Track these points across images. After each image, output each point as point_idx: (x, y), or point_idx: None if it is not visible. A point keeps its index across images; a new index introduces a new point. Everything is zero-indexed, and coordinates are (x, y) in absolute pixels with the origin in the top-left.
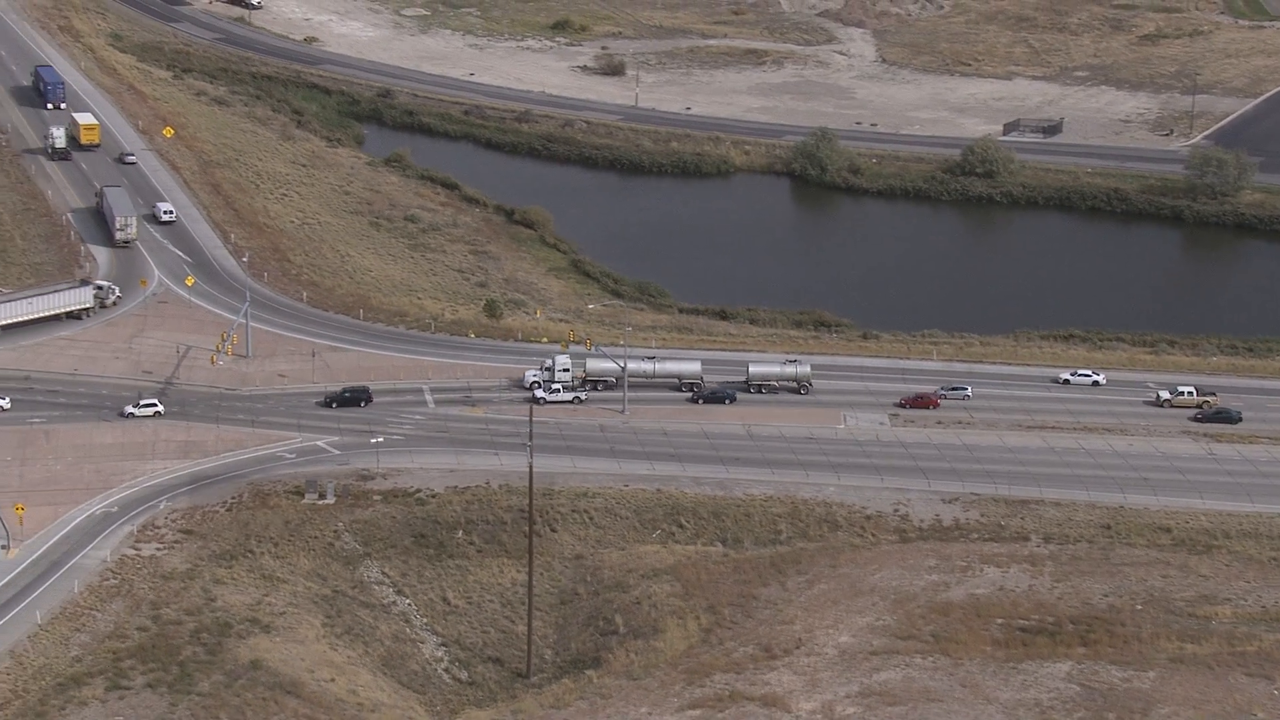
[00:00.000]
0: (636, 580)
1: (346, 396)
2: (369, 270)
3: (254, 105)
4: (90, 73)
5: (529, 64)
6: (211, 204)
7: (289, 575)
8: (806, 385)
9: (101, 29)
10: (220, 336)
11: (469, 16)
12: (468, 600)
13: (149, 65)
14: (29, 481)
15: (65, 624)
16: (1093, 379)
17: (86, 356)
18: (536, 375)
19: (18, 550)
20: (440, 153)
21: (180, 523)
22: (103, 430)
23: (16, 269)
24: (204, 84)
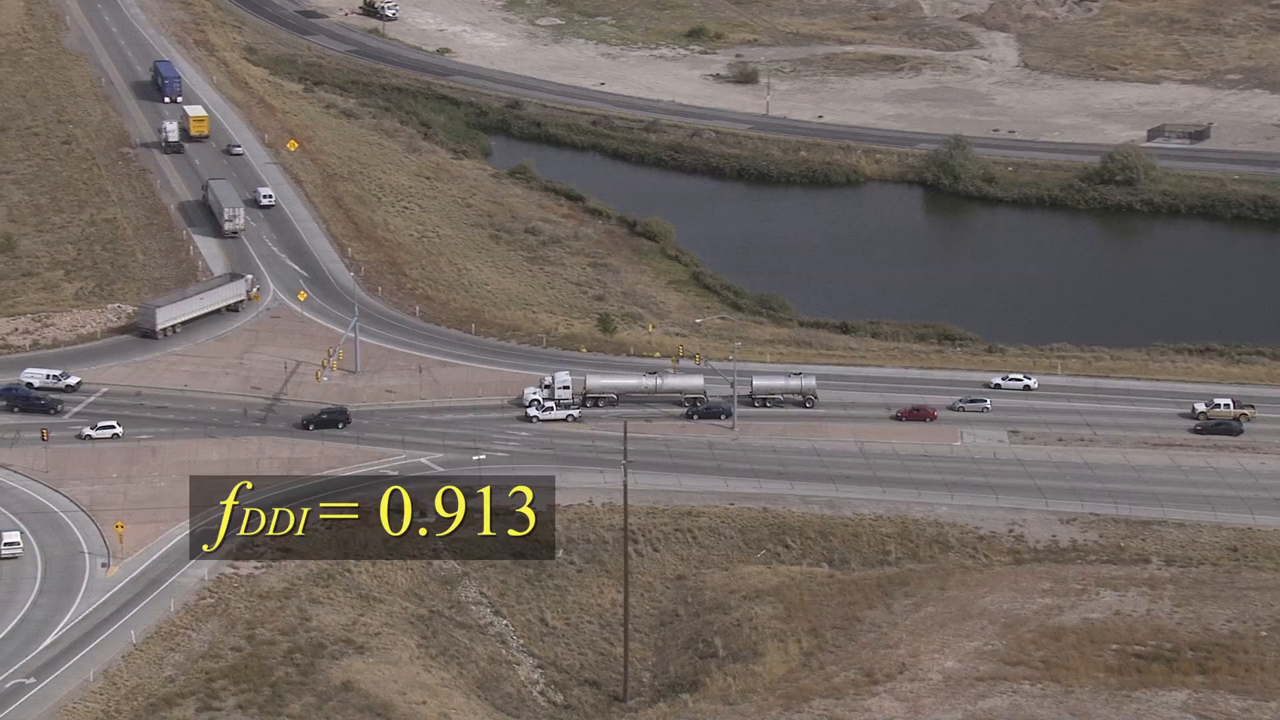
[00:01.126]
0: (738, 602)
1: (324, 418)
2: (485, 284)
3: (382, 117)
4: (221, 86)
5: (661, 73)
6: (331, 217)
7: (386, 595)
8: (812, 398)
9: (237, 42)
10: (326, 352)
11: (603, 25)
12: (566, 621)
13: (281, 78)
14: (133, 499)
15: (160, 643)
16: (1024, 383)
17: (197, 372)
18: (536, 393)
19: (118, 568)
20: (566, 164)
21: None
22: (208, 447)
23: (136, 284)
24: (334, 96)
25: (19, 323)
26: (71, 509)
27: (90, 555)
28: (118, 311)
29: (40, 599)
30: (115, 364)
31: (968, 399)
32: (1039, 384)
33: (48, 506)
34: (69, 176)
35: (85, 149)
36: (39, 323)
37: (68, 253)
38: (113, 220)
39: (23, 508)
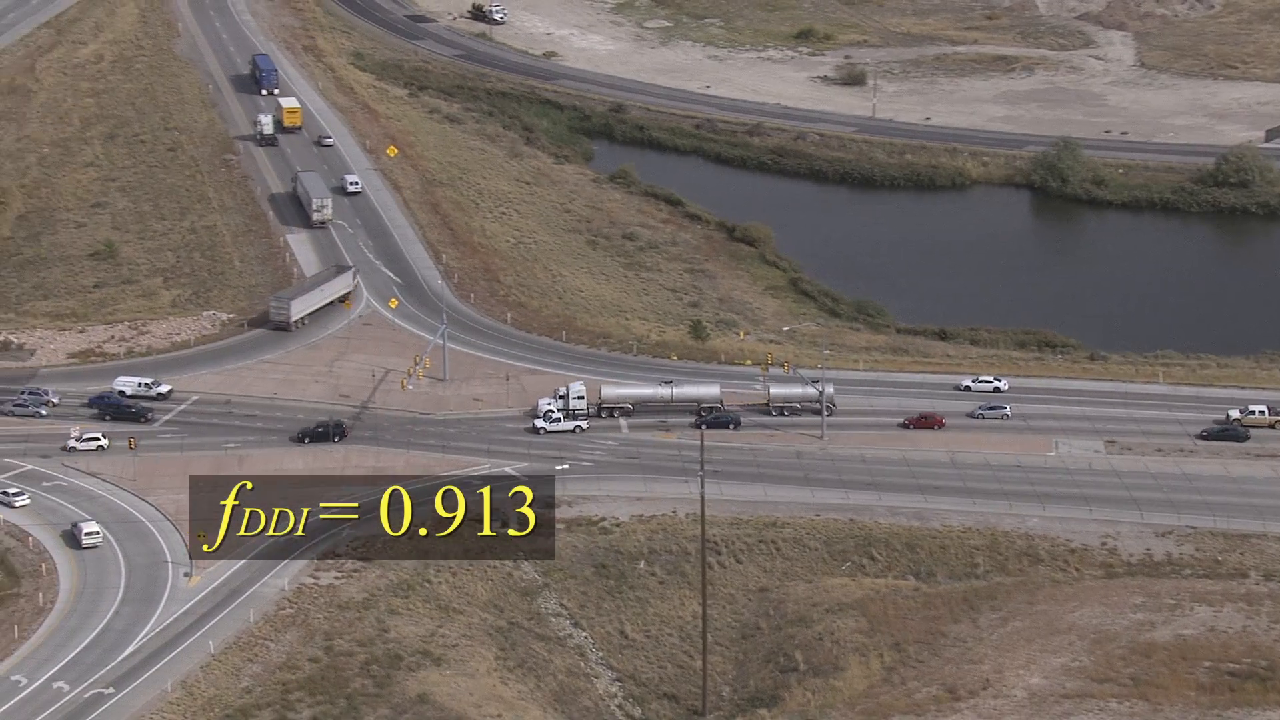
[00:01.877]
0: (820, 615)
1: (319, 431)
2: (579, 290)
3: (485, 122)
4: (327, 92)
5: (768, 75)
6: (428, 223)
7: (465, 606)
8: (831, 406)
9: (344, 48)
10: (413, 360)
11: (712, 27)
12: (646, 634)
13: (386, 83)
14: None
15: (238, 654)
16: (994, 385)
17: (286, 380)
18: (550, 404)
19: (200, 578)
20: (668, 168)
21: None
22: (294, 455)
23: (232, 291)
24: (439, 101)
25: (116, 330)
26: (157, 517)
27: (173, 564)
28: (212, 319)
29: (122, 608)
30: (206, 371)
31: (987, 406)
32: (1009, 386)
33: (134, 515)
34: (173, 183)
35: (190, 155)
36: (135, 330)
37: (167, 260)
38: (213, 227)
39: (110, 516)
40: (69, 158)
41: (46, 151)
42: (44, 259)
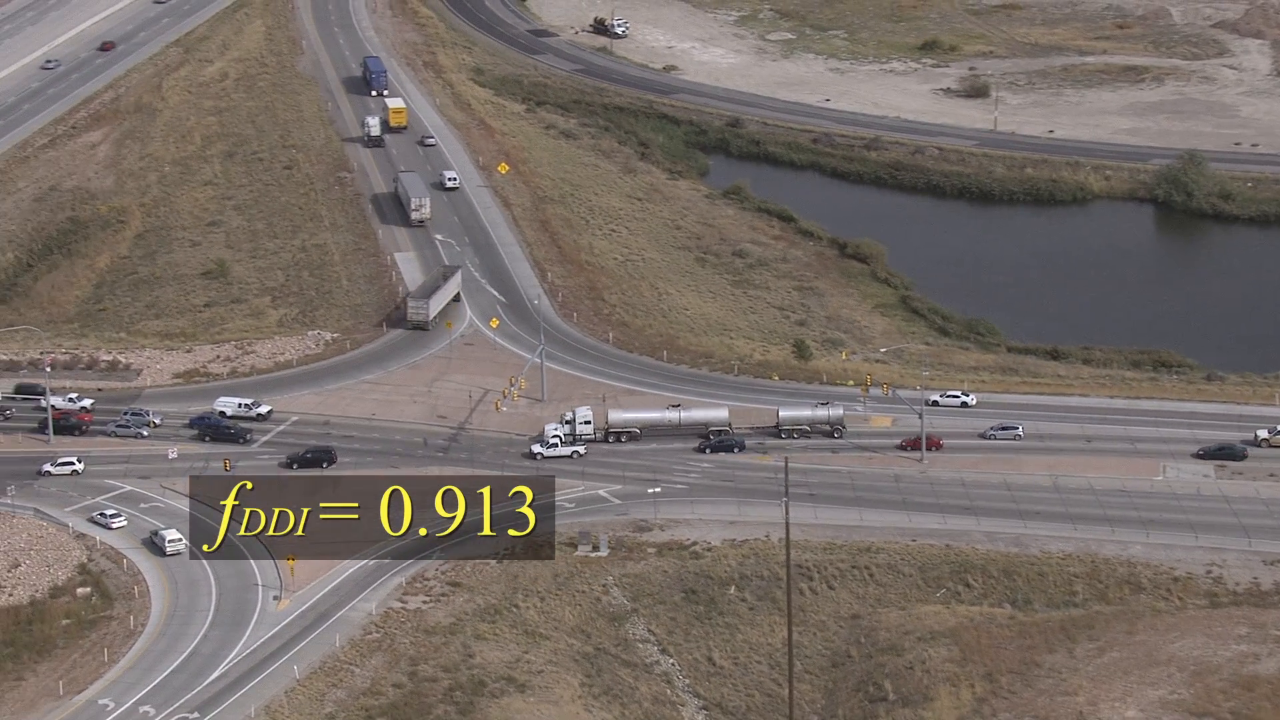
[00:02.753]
0: (912, 643)
1: (308, 457)
2: (685, 309)
3: (601, 138)
4: (444, 109)
5: (889, 87)
6: (536, 241)
7: (552, 631)
8: (840, 429)
9: (465, 63)
10: (508, 381)
11: (835, 39)
12: (734, 661)
13: (504, 99)
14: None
15: (323, 679)
16: (961, 400)
17: (386, 400)
18: (557, 429)
19: (288, 602)
20: (783, 183)
21: (450, 574)
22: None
23: (338, 310)
24: (556, 116)
25: (222, 350)
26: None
27: (263, 588)
28: (317, 339)
29: (211, 631)
30: (307, 392)
31: (1000, 426)
32: (977, 401)
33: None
34: (287, 202)
35: (305, 174)
36: (241, 350)
37: (277, 279)
38: (323, 246)
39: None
40: (189, 176)
41: (167, 170)
42: (158, 278)
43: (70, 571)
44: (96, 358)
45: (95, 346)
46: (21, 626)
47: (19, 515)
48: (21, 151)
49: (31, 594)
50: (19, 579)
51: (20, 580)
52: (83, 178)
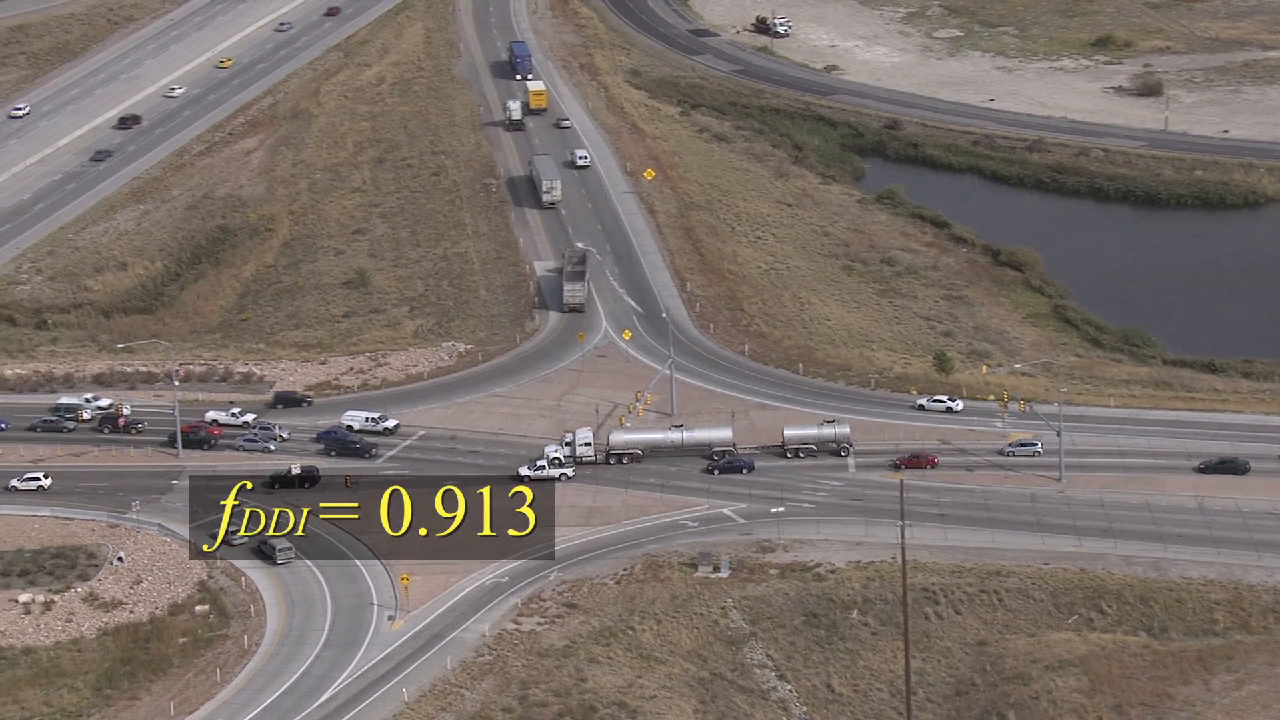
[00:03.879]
0: (1040, 672)
1: (290, 477)
2: (827, 319)
3: (755, 141)
4: (596, 112)
5: (1057, 86)
6: (678, 249)
7: (667, 655)
8: (846, 447)
9: (622, 65)
10: (634, 395)
11: (1004, 36)
12: (854, 688)
13: (659, 101)
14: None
15: (432, 703)
16: (947, 405)
17: (514, 414)
18: (557, 450)
19: (402, 622)
20: (940, 187)
21: (566, 595)
22: None
23: (474, 321)
24: (710, 119)
25: (356, 362)
26: (369, 558)
27: (378, 607)
28: (450, 350)
29: (324, 652)
30: (436, 405)
31: (1018, 444)
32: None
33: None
34: (432, 209)
35: (452, 180)
36: (374, 362)
37: (416, 289)
38: (464, 254)
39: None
40: (339, 183)
41: (319, 177)
42: (300, 287)
43: (190, 588)
44: (231, 369)
45: (233, 358)
46: (140, 644)
47: (144, 531)
48: (179, 159)
49: (152, 611)
50: (140, 595)
51: (142, 597)
52: (235, 185)
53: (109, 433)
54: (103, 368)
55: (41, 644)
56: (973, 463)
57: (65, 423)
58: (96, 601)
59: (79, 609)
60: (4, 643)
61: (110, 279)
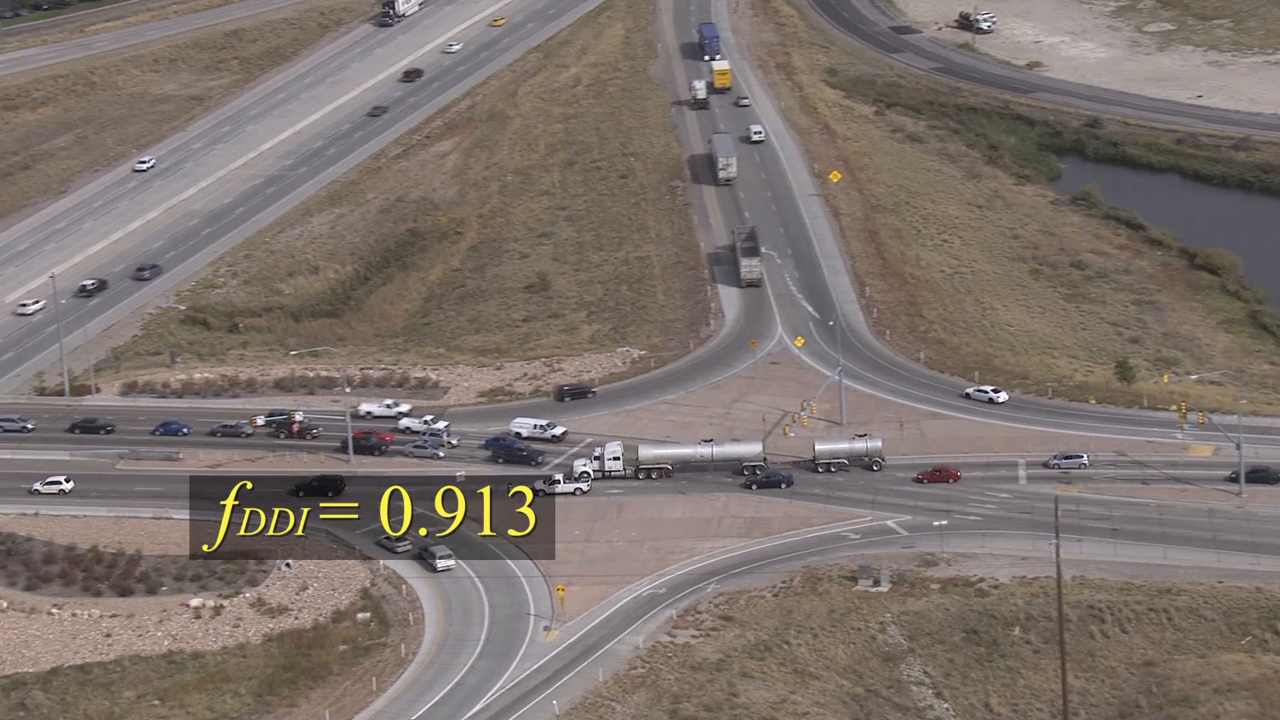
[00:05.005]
0: (1207, 695)
1: (314, 485)
2: (1009, 325)
3: (949, 141)
4: (788, 113)
5: (1271, 81)
6: (860, 253)
7: (822, 670)
8: (879, 461)
9: (819, 64)
10: (799, 404)
11: (1218, 29)
12: (1013, 708)
13: (854, 101)
14: (589, 558)
15: (583, 715)
16: (989, 396)
17: (682, 422)
18: (586, 465)
19: (558, 632)
20: (1139, 188)
21: (723, 608)
22: (675, 504)
23: (649, 326)
24: (905, 119)
25: (530, 368)
26: (529, 566)
27: (535, 617)
28: (624, 356)
29: (479, 662)
30: (605, 413)
31: (1063, 455)
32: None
33: (507, 563)
34: (617, 212)
35: (639, 182)
36: (548, 367)
37: (595, 293)
38: (645, 259)
39: (483, 563)
40: (528, 186)
41: (509, 179)
42: (483, 291)
43: (353, 596)
44: (408, 375)
45: (413, 363)
46: (302, 651)
47: (312, 536)
48: (375, 162)
49: (315, 618)
50: (305, 602)
51: (306, 603)
52: (429, 188)
53: (284, 438)
54: (285, 372)
55: (209, 649)
56: (1148, 475)
57: (243, 428)
58: (263, 607)
59: (246, 614)
60: (174, 646)
61: (301, 283)
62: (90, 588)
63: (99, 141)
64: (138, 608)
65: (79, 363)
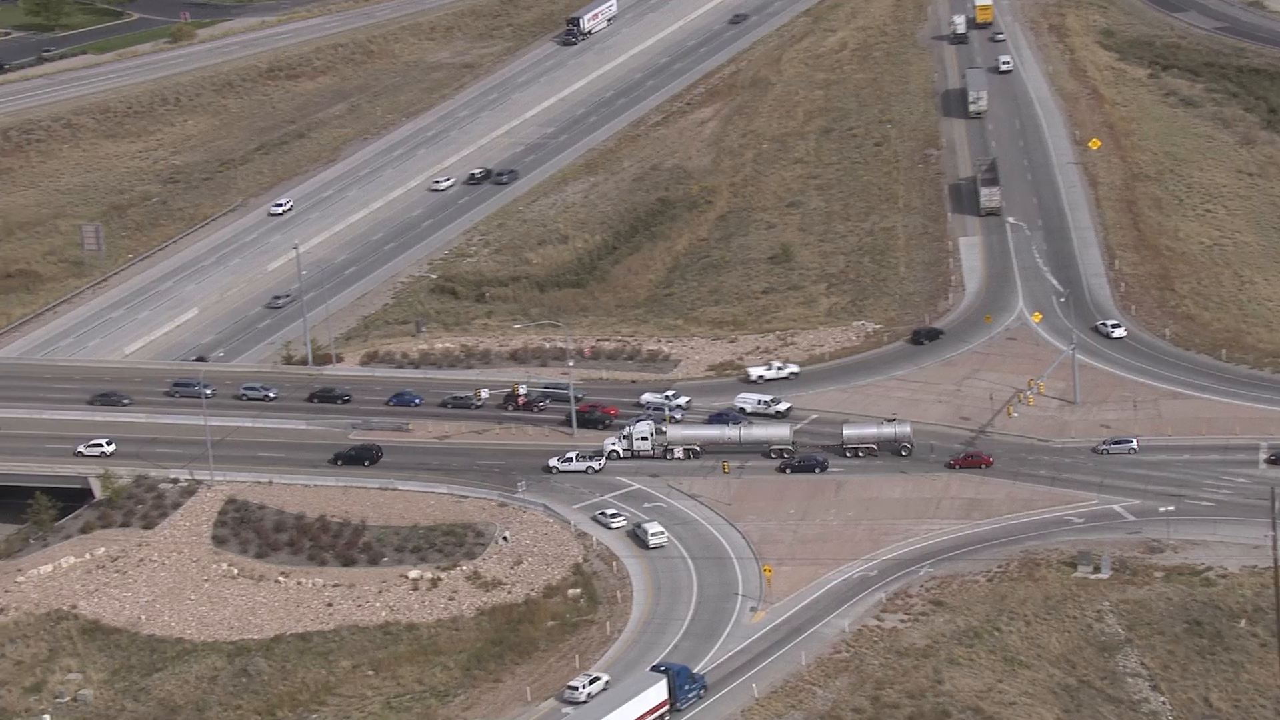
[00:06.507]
0: None
1: (351, 455)
2: (1267, 300)
3: (1225, 105)
4: (1056, 76)
5: None
6: (1114, 224)
7: (1033, 659)
8: (907, 446)
9: (1094, 25)
10: (1027, 382)
11: None
12: (1234, 704)
13: (1128, 64)
14: (801, 537)
15: (782, 700)
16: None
17: (910, 399)
18: (615, 443)
19: (764, 613)
20: None
21: (934, 592)
22: (894, 484)
23: (887, 300)
24: (1180, 82)
25: (764, 341)
26: (741, 545)
27: (742, 597)
28: (859, 330)
29: (683, 642)
30: (833, 388)
31: (1113, 440)
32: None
33: (719, 541)
34: (868, 181)
35: (893, 151)
36: (782, 341)
37: (837, 264)
38: (890, 229)
39: (696, 542)
40: (783, 154)
41: (765, 147)
42: (727, 262)
43: (565, 571)
44: (639, 347)
45: (649, 334)
46: (511, 625)
47: (529, 510)
48: (634, 129)
49: (527, 592)
50: (519, 576)
51: (520, 578)
52: (683, 156)
53: (511, 411)
54: (521, 344)
55: (424, 621)
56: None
57: (471, 400)
58: (478, 580)
59: (462, 587)
60: (391, 618)
61: (550, 252)
62: (316, 556)
63: (370, 110)
64: (359, 578)
65: (332, 330)
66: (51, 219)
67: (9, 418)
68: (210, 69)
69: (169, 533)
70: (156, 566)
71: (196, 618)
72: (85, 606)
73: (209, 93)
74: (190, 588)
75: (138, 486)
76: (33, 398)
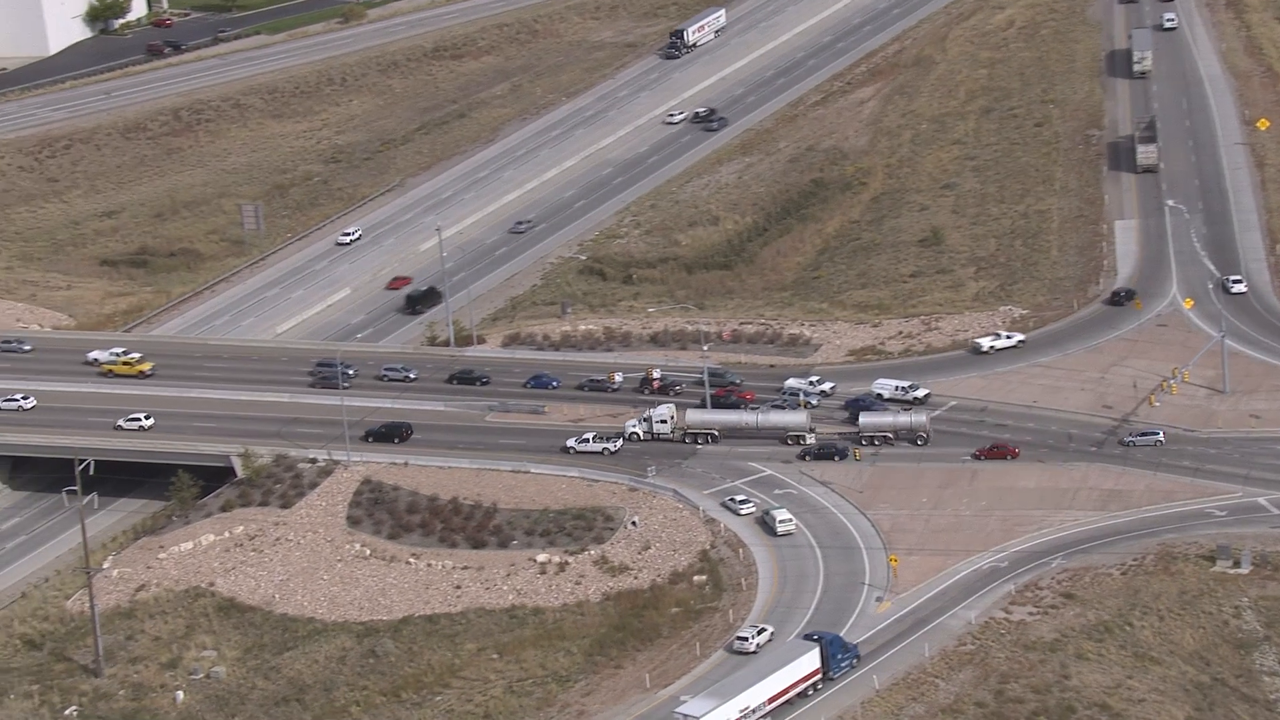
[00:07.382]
0: None
1: (381, 432)
2: None
3: None
4: (1229, 54)
5: None
6: (1279, 208)
7: (1165, 656)
8: (924, 435)
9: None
10: (1171, 371)
11: None
12: None
13: None
14: (933, 526)
15: (904, 692)
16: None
17: (1053, 386)
18: (636, 426)
19: (890, 604)
20: None
21: (1065, 585)
22: (1030, 473)
23: (1036, 284)
24: None
25: (908, 325)
26: (870, 534)
27: (869, 587)
28: (1005, 316)
29: (806, 631)
30: (973, 374)
31: (1138, 433)
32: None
33: (849, 530)
34: (1026, 162)
35: (1053, 131)
36: (926, 326)
37: (988, 248)
38: (1045, 212)
39: (824, 530)
40: (941, 134)
41: (923, 128)
42: (877, 244)
43: (692, 558)
44: (780, 331)
45: (793, 318)
46: (636, 611)
47: (659, 495)
48: (792, 110)
49: (654, 578)
50: (646, 562)
51: (647, 563)
52: (841, 137)
53: (648, 394)
54: (662, 326)
55: (550, 605)
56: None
57: (606, 383)
58: (605, 565)
59: (589, 572)
60: (518, 601)
61: (700, 234)
62: (447, 539)
63: (531, 90)
64: (488, 560)
65: (479, 312)
66: (216, 198)
67: (159, 395)
68: (376, 49)
69: (305, 512)
70: (292, 546)
71: (328, 597)
72: (222, 584)
73: (374, 73)
74: (323, 567)
75: (277, 466)
76: (183, 376)
